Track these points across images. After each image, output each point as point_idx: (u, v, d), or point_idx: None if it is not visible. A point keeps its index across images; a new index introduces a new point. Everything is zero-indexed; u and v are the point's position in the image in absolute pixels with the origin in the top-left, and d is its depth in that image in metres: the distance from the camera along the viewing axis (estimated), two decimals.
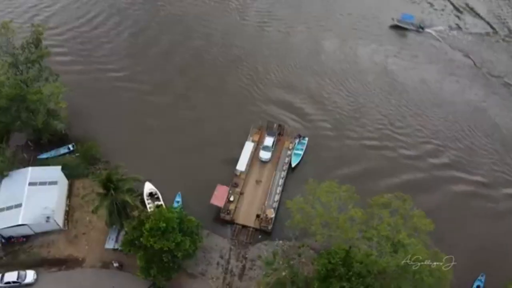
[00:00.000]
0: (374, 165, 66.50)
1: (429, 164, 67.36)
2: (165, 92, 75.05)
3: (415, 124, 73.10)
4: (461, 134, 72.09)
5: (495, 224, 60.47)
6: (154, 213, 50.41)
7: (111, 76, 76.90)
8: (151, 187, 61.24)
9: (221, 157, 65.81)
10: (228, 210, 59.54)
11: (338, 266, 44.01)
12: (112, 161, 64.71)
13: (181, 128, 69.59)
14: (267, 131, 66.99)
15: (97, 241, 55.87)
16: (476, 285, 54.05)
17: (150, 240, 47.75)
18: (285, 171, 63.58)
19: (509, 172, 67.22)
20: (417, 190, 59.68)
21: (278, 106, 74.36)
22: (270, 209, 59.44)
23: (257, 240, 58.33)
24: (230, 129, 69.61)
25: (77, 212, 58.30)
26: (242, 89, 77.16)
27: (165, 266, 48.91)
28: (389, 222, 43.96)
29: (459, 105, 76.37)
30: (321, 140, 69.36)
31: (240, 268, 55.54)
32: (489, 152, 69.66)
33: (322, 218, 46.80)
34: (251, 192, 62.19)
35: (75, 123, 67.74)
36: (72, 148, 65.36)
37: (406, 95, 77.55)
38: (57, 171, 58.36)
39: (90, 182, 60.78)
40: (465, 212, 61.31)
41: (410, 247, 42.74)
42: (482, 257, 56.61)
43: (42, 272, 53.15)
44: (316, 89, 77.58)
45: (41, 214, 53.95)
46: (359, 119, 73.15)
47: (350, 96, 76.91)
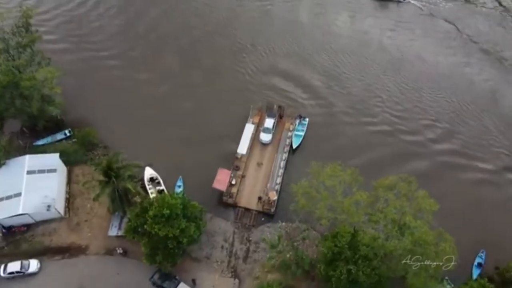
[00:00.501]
0: (374, 144, 66.04)
1: (429, 146, 66.92)
2: (161, 75, 73.43)
3: (414, 101, 72.69)
4: (461, 113, 71.63)
5: (495, 204, 60.63)
6: (157, 200, 49.88)
7: (104, 60, 74.94)
8: (152, 172, 60.52)
9: (221, 140, 65.15)
10: (230, 194, 59.24)
11: (345, 249, 44.22)
12: (110, 146, 63.96)
13: (179, 111, 68.37)
14: (267, 113, 66.07)
15: (100, 228, 55.43)
16: (477, 261, 54.84)
17: (155, 227, 47.40)
18: (286, 153, 63.08)
19: (509, 151, 67.38)
20: (418, 171, 59.38)
21: (276, 85, 73.24)
22: (272, 192, 59.18)
23: (260, 223, 58.30)
24: (229, 111, 68.52)
25: (77, 199, 57.57)
26: (238, 70, 75.54)
27: (170, 252, 48.72)
28: (395, 205, 43.85)
29: (456, 80, 75.88)
30: (321, 120, 68.74)
31: (244, 250, 55.66)
32: (488, 130, 69.43)
33: (327, 202, 46.59)
34: (252, 175, 61.78)
35: (70, 108, 66.18)
36: (69, 133, 64.04)
37: (403, 70, 76.99)
38: (55, 158, 57.24)
39: (89, 169, 59.90)
40: (466, 191, 61.33)
41: (416, 229, 42.80)
42: (482, 235, 57.02)
43: (46, 260, 52.74)
44: (313, 68, 76.32)
45: (41, 203, 53.15)
46: (357, 98, 72.33)
47: (348, 74, 75.83)
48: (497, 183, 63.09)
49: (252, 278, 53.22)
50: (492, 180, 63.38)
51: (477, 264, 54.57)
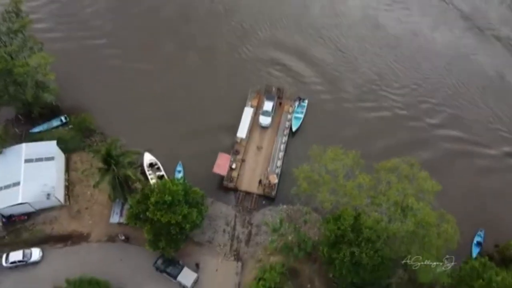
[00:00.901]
0: (373, 125, 65.64)
1: (426, 124, 66.57)
2: (155, 57, 71.68)
3: (410, 80, 71.90)
4: (457, 90, 70.90)
5: (493, 182, 60.83)
6: (158, 186, 49.55)
7: (97, 44, 72.81)
8: (151, 158, 60.03)
9: (220, 124, 64.49)
10: (231, 178, 59.04)
11: (348, 232, 44.40)
12: (107, 132, 63.22)
13: (176, 94, 67.32)
14: (266, 95, 65.25)
15: (101, 215, 55.23)
16: (476, 240, 55.49)
17: (157, 214, 47.25)
18: (286, 136, 62.66)
19: (504, 129, 67.14)
20: (415, 150, 60.10)
21: (272, 67, 71.85)
22: (273, 175, 59.06)
23: (262, 206, 58.35)
24: (227, 94, 67.61)
25: (77, 186, 57.13)
26: (234, 50, 74.09)
27: (173, 238, 48.78)
28: (397, 188, 43.88)
29: (452, 57, 75.05)
30: (319, 101, 67.83)
31: (246, 234, 55.88)
32: (485, 107, 68.96)
33: (329, 186, 46.52)
34: (252, 158, 61.49)
35: (65, 94, 64.77)
36: (65, 120, 63.07)
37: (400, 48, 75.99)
38: (53, 146, 56.46)
39: (87, 156, 59.31)
40: (464, 170, 61.47)
41: (418, 211, 42.96)
42: (481, 214, 57.55)
43: (48, 249, 52.67)
44: (308, 48, 74.76)
45: (41, 191, 52.72)
46: (354, 78, 71.33)
47: (343, 53, 74.50)
48: (495, 164, 63.06)
49: (255, 261, 53.61)
50: (490, 161, 63.36)
51: (476, 243, 55.23)
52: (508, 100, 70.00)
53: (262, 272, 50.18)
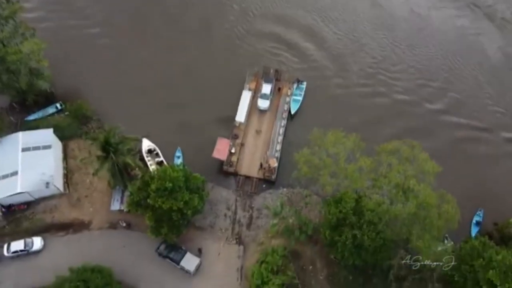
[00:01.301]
0: (371, 107, 65.35)
1: (425, 107, 66.46)
2: (149, 41, 70.41)
3: (408, 59, 71.57)
4: (454, 69, 70.74)
5: (491, 164, 61.37)
6: (158, 173, 49.23)
7: (89, 29, 71.19)
8: (149, 144, 59.53)
9: (218, 108, 63.75)
10: (230, 162, 58.81)
11: (349, 215, 44.54)
12: (104, 118, 62.47)
13: (172, 79, 66.38)
14: (264, 78, 64.46)
15: (101, 203, 55.02)
16: (476, 220, 56.01)
17: (158, 201, 47.10)
18: (285, 119, 62.24)
19: (502, 110, 67.17)
20: (415, 132, 59.63)
21: (269, 47, 70.98)
22: (272, 159, 58.88)
23: (262, 190, 58.39)
24: (225, 77, 66.71)
25: (76, 174, 56.68)
26: (229, 31, 72.89)
27: (175, 224, 48.76)
28: (398, 169, 43.87)
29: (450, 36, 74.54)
30: (318, 83, 67.25)
31: (247, 218, 56.06)
32: (482, 86, 68.96)
33: (330, 169, 46.43)
34: (252, 142, 61.19)
35: (59, 80, 63.64)
36: (60, 107, 62.10)
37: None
38: (50, 133, 55.75)
39: (84, 143, 58.68)
40: (462, 152, 61.64)
41: (420, 192, 43.08)
42: (480, 195, 57.94)
43: (49, 237, 52.50)
44: (304, 29, 73.90)
45: (39, 180, 52.27)
46: (353, 59, 70.84)
47: (340, 33, 73.72)
48: (492, 145, 63.28)
49: (257, 244, 53.93)
50: (488, 143, 63.60)
51: (475, 222, 55.74)
52: (507, 80, 69.67)
53: (264, 255, 50.56)
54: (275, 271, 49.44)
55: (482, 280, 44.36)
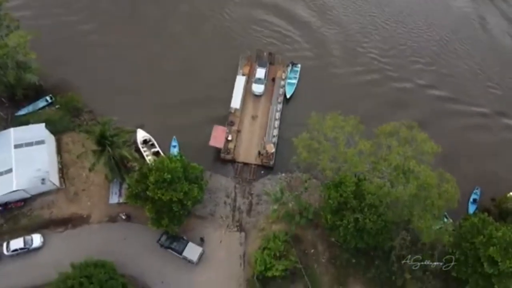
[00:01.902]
0: (364, 87, 64.79)
1: (416, 84, 65.84)
2: (137, 28, 68.65)
3: (400, 39, 70.66)
4: (446, 48, 70.07)
5: (485, 139, 61.40)
6: (156, 165, 48.60)
7: (74, 17, 69.34)
8: (144, 134, 58.64)
9: (212, 94, 62.78)
10: (228, 150, 58.28)
11: (350, 199, 44.53)
12: (96, 109, 61.37)
13: (163, 66, 64.99)
14: (258, 62, 63.38)
15: (99, 196, 54.42)
16: (473, 198, 56.44)
17: (157, 193, 46.69)
18: (280, 103, 61.53)
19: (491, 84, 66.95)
20: (407, 110, 60.21)
21: (259, 28, 69.76)
22: (270, 144, 58.40)
23: (260, 176, 58.10)
24: (217, 62, 65.59)
25: (71, 168, 55.83)
26: (218, 13, 71.36)
27: (176, 215, 48.46)
28: (398, 151, 43.71)
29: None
30: (311, 64, 66.37)
31: (247, 204, 55.94)
32: (471, 61, 68.51)
33: (330, 154, 46.16)
34: (248, 128, 60.60)
35: (47, 71, 61.58)
36: (51, 99, 60.72)
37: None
38: (42, 128, 54.56)
39: (78, 136, 57.71)
40: (456, 130, 61.28)
41: (420, 173, 43.06)
42: (476, 172, 58.17)
43: (48, 234, 51.96)
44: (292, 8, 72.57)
45: (34, 177, 51.41)
46: (341, 39, 69.91)
47: (329, 14, 72.57)
48: (485, 121, 63.27)
49: (258, 230, 53.99)
50: (480, 118, 63.50)
51: (472, 200, 56.15)
52: (494, 51, 69.40)
53: (266, 241, 50.65)
54: (277, 257, 49.65)
55: (483, 257, 44.75)
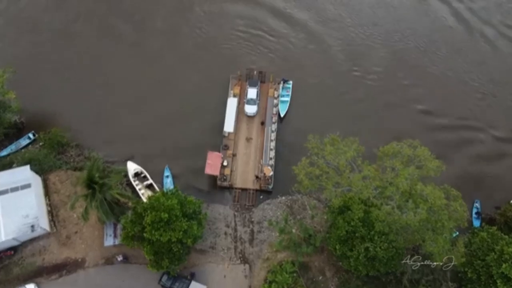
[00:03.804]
0: (356, 102, 62.74)
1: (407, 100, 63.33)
2: (116, 46, 65.80)
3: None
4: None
5: (478, 151, 59.97)
6: (151, 203, 46.09)
7: (47, 42, 65.97)
8: (135, 167, 56.02)
9: (203, 117, 60.53)
10: (224, 176, 56.02)
11: (359, 227, 42.75)
12: (82, 143, 58.66)
13: (149, 91, 62.31)
14: (248, 81, 61.09)
15: (93, 237, 51.75)
16: (474, 211, 55.20)
17: (155, 234, 44.24)
18: (275, 123, 59.36)
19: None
20: (397, 126, 59.34)
21: (243, 42, 67.54)
22: (267, 167, 56.27)
23: (260, 201, 56.06)
24: (205, 83, 63.06)
25: (61, 210, 52.94)
26: (198, 29, 68.90)
27: (176, 255, 46.09)
28: (404, 175, 41.94)
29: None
30: (300, 80, 64.01)
31: (248, 233, 53.80)
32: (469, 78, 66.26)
33: (334, 180, 44.26)
34: (243, 151, 58.36)
35: (27, 105, 58.74)
36: (33, 136, 57.70)
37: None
38: (26, 171, 51.48)
39: (65, 174, 54.98)
40: (448, 144, 59.39)
41: (428, 196, 41.41)
42: (474, 184, 56.70)
43: (43, 282, 49.18)
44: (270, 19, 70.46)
45: (23, 224, 48.57)
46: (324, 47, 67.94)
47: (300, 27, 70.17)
48: (475, 133, 61.39)
49: (262, 260, 51.91)
50: (470, 130, 61.58)
51: (475, 214, 54.86)
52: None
53: (273, 274, 48.64)
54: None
55: (496, 274, 43.58)
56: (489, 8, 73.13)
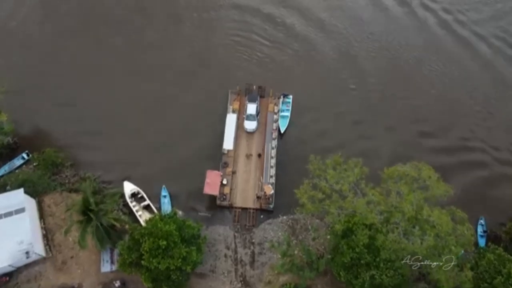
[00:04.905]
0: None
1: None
2: (110, 64, 64.18)
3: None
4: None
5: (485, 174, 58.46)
6: (148, 229, 44.65)
7: (36, 58, 64.47)
8: (132, 187, 54.53)
9: (201, 133, 59.29)
10: (224, 195, 54.60)
11: (364, 254, 41.43)
12: (77, 163, 56.91)
13: (146, 108, 60.79)
14: (248, 97, 59.58)
15: (89, 263, 50.24)
16: (480, 230, 53.84)
17: (153, 262, 42.93)
18: (275, 139, 57.89)
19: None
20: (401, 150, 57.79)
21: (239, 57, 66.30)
22: (267, 186, 54.84)
23: (260, 220, 54.66)
24: (203, 99, 61.77)
25: (56, 233, 51.42)
26: (193, 42, 67.61)
27: (175, 282, 44.79)
28: (411, 200, 40.62)
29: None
30: (300, 94, 62.70)
31: (249, 255, 52.39)
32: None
33: (337, 204, 42.94)
34: (243, 169, 56.91)
35: (20, 123, 57.63)
36: (27, 156, 56.14)
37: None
38: (20, 194, 49.92)
39: (60, 196, 53.50)
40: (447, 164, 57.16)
41: (435, 222, 40.14)
42: (479, 202, 55.11)
43: None
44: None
45: (18, 251, 47.10)
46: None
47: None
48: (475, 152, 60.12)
49: (264, 284, 50.53)
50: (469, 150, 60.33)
51: (481, 232, 53.57)
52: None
53: None
54: None
55: None
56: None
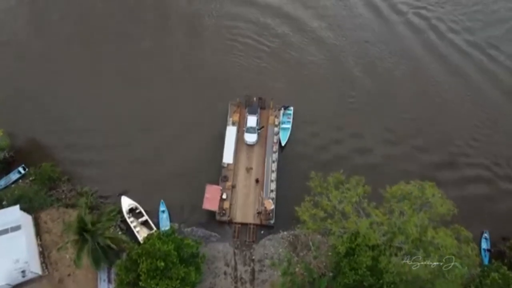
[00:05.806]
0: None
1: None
2: (105, 75, 63.32)
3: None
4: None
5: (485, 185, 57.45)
6: (146, 249, 43.68)
7: (31, 65, 63.63)
8: (130, 202, 53.57)
9: (201, 146, 58.18)
10: (223, 211, 53.56)
11: (367, 277, 40.37)
12: (74, 177, 55.96)
13: (143, 121, 59.73)
14: (248, 109, 58.53)
15: (87, 280, 49.24)
16: (483, 247, 52.62)
17: (151, 283, 42.01)
18: (276, 152, 56.82)
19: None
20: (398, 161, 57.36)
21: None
22: (268, 201, 53.78)
23: (261, 236, 53.63)
24: (202, 110, 60.73)
25: (53, 251, 50.32)
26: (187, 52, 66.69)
27: None
28: (415, 222, 39.58)
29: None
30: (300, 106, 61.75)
31: (249, 272, 51.36)
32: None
33: (339, 225, 41.92)
34: (243, 183, 55.84)
35: (16, 137, 56.68)
36: (24, 170, 55.22)
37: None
38: (16, 211, 48.99)
39: (57, 212, 52.55)
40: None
41: (440, 245, 39.10)
42: (481, 218, 54.09)
43: None
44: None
45: (13, 270, 46.18)
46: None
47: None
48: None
49: None
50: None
51: (485, 249, 52.48)
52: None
53: None
54: None
55: None
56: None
